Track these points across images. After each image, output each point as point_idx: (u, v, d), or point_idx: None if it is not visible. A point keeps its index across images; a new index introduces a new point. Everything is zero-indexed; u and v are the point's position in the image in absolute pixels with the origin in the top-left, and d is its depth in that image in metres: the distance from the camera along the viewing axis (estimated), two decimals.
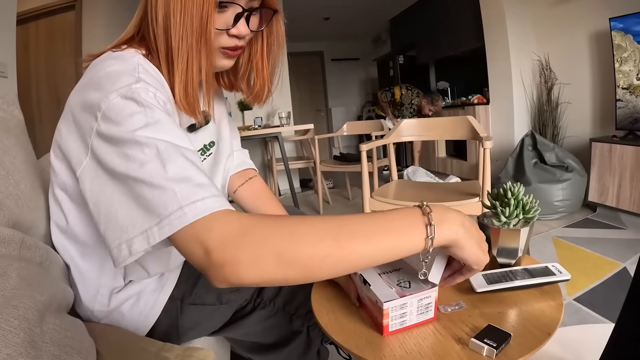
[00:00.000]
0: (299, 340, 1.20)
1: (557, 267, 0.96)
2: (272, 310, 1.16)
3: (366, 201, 2.30)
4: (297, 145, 5.90)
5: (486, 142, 2.05)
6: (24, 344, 0.57)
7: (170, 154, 0.65)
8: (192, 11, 0.76)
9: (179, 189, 0.61)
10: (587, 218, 3.30)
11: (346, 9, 7.17)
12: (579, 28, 3.96)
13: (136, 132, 0.66)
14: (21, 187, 0.90)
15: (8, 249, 0.75)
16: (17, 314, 0.60)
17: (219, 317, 1.10)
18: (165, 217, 0.60)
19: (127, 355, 0.83)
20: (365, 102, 9.74)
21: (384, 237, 0.66)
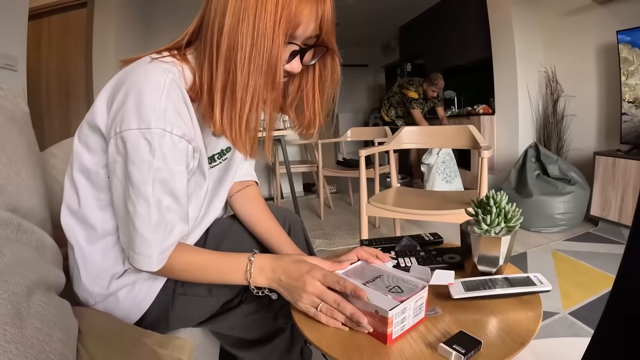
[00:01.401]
0: (283, 337, 1.20)
1: (539, 277, 0.94)
2: (258, 305, 1.16)
3: (363, 207, 2.29)
4: (301, 149, 5.90)
5: (484, 152, 2.04)
6: (10, 314, 0.63)
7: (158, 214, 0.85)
8: (264, 48, 0.78)
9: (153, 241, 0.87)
10: (589, 232, 3.27)
11: (356, 15, 7.18)
12: (587, 40, 3.95)
13: (140, 184, 0.82)
14: (22, 175, 0.95)
15: (5, 231, 0.81)
16: (7, 287, 0.65)
17: (206, 309, 1.11)
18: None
19: (106, 337, 0.87)
20: (372, 108, 9.76)
21: (219, 275, 0.96)
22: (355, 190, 4.96)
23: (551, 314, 1.95)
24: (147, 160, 0.80)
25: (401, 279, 0.90)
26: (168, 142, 0.81)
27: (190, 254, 0.95)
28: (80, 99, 4.55)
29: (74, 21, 4.56)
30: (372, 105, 9.94)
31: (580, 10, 3.96)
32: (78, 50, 4.52)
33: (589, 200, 3.37)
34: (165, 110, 0.79)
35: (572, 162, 3.79)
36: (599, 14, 3.77)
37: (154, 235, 0.85)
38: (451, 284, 0.90)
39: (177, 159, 0.84)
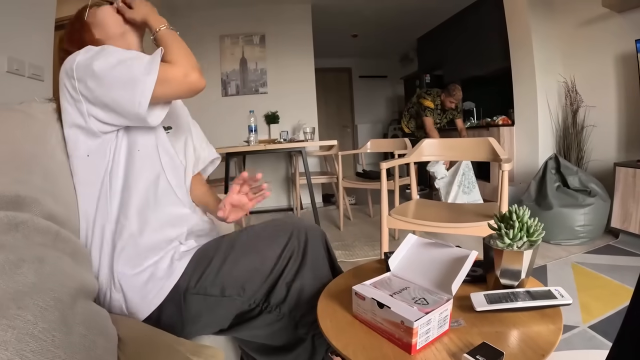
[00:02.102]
0: (304, 347, 1.24)
1: (560, 291, 0.97)
2: (279, 315, 1.21)
3: (384, 219, 2.31)
4: (321, 160, 5.95)
5: (505, 165, 2.04)
6: (58, 321, 0.67)
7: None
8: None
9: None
10: (609, 244, 3.24)
11: (375, 27, 7.23)
12: (605, 49, 3.94)
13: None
14: (59, 185, 1.02)
15: (44, 238, 0.86)
16: (54, 295, 0.70)
17: (221, 312, 1.16)
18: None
19: (144, 344, 0.92)
20: (392, 119, 9.75)
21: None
22: (374, 202, 4.99)
23: (571, 328, 1.95)
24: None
25: (427, 292, 0.94)
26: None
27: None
28: None
29: None
30: (391, 116, 9.94)
31: (598, 19, 3.96)
32: None
33: (610, 212, 3.35)
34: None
35: (592, 173, 3.77)
36: (617, 22, 3.77)
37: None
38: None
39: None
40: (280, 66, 5.93)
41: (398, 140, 4.25)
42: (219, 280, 1.14)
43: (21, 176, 0.90)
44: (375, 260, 1.48)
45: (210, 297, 1.13)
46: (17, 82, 2.34)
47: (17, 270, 0.68)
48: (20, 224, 0.80)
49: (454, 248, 1.09)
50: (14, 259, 0.69)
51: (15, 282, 0.66)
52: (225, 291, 1.14)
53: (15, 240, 0.76)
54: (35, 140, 1.03)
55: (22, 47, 2.39)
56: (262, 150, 3.79)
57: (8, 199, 0.82)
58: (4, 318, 0.59)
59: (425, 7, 6.18)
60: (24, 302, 0.64)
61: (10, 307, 0.61)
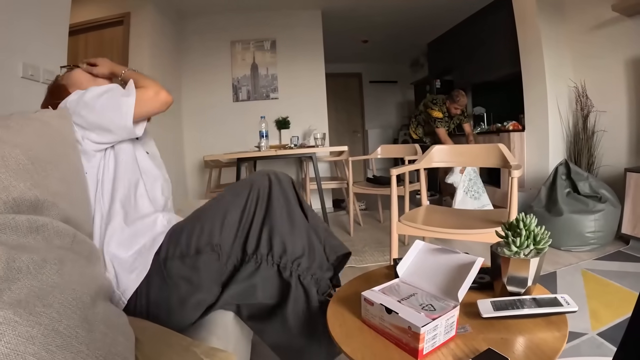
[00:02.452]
0: (295, 294, 1.27)
1: (566, 298, 0.99)
2: (257, 261, 1.27)
3: (394, 225, 2.33)
4: (331, 165, 5.96)
5: (514, 171, 2.05)
6: (80, 318, 0.72)
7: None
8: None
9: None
10: (619, 251, 3.23)
11: (385, 32, 7.26)
12: (616, 54, 3.93)
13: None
14: (73, 190, 1.07)
15: (63, 241, 0.90)
16: (75, 295, 0.75)
17: (202, 275, 1.23)
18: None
19: (160, 345, 0.96)
20: (402, 125, 9.75)
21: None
22: (384, 207, 5.00)
23: (579, 335, 1.95)
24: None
25: (434, 298, 0.96)
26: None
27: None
28: None
29: (110, 38, 4.75)
30: (401, 121, 9.94)
31: (608, 23, 3.96)
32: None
33: (620, 218, 3.34)
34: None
35: (602, 179, 3.77)
36: (628, 27, 3.77)
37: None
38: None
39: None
40: (290, 71, 5.97)
41: (408, 146, 4.26)
42: (193, 241, 1.24)
43: (39, 181, 0.93)
44: (384, 267, 1.49)
45: (186, 257, 1.22)
46: (32, 87, 2.39)
47: (40, 270, 0.71)
48: (40, 227, 0.84)
49: (460, 254, 1.11)
50: (37, 260, 0.72)
51: (39, 281, 0.69)
52: (200, 249, 1.23)
53: (36, 243, 0.80)
54: (51, 147, 1.07)
55: (36, 53, 2.44)
56: (273, 155, 3.82)
57: (29, 203, 0.86)
58: (31, 315, 0.62)
59: (436, 13, 6.19)
60: (49, 300, 0.68)
61: (36, 304, 0.65)
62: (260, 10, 5.81)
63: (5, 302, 0.61)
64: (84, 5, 4.44)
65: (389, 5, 5.89)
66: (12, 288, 0.64)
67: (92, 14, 4.68)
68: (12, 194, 0.83)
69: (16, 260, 0.68)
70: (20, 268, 0.68)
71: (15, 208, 0.82)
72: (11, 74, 2.27)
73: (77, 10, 2.82)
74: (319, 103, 6.03)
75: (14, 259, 0.68)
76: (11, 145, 0.91)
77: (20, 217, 0.79)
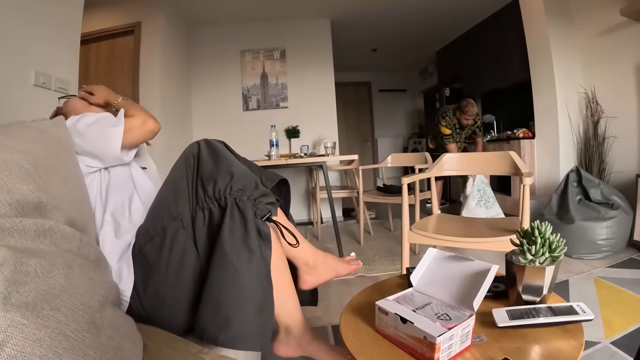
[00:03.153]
0: (230, 216, 1.18)
1: (582, 306, 0.98)
2: (204, 205, 1.24)
3: (405, 234, 2.33)
4: (341, 174, 5.97)
5: (526, 179, 2.04)
6: (87, 323, 0.73)
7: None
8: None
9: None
10: (632, 258, 3.20)
11: (394, 40, 7.29)
12: (625, 59, 3.92)
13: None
14: (74, 195, 1.09)
15: (70, 244, 0.91)
16: (83, 300, 0.77)
17: (177, 242, 1.22)
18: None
19: (169, 351, 0.97)
20: (412, 133, 9.76)
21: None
22: (395, 216, 4.99)
23: (593, 344, 1.93)
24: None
25: (449, 307, 0.97)
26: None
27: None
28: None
29: (121, 47, 4.81)
30: (411, 130, 9.95)
31: (617, 28, 3.94)
32: (124, 75, 4.74)
33: (633, 225, 3.32)
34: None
35: (614, 185, 3.74)
36: (637, 31, 3.75)
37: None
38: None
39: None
40: (300, 81, 6.00)
41: (418, 155, 4.26)
42: (157, 223, 1.25)
43: (41, 184, 0.95)
44: (397, 276, 1.50)
45: (156, 237, 1.23)
46: (44, 95, 2.43)
47: (49, 274, 0.73)
48: (47, 230, 0.85)
49: (474, 261, 1.11)
50: (45, 264, 0.74)
51: (47, 284, 0.71)
52: (164, 227, 1.23)
53: (45, 247, 0.81)
54: (49, 152, 1.10)
55: (48, 62, 2.48)
56: (283, 164, 3.83)
57: (33, 205, 0.87)
58: (38, 318, 0.63)
59: (444, 21, 6.22)
60: (56, 303, 0.69)
61: (44, 308, 0.66)
62: (269, 20, 5.86)
63: (13, 304, 0.62)
64: (96, 15, 4.50)
65: (398, 14, 5.92)
66: (20, 291, 0.65)
67: (103, 24, 4.75)
68: (15, 196, 0.84)
69: (24, 264, 0.69)
70: (28, 272, 0.69)
71: (20, 210, 0.83)
72: (23, 81, 2.31)
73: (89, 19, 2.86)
74: (329, 112, 6.05)
75: (22, 262, 0.69)
76: (13, 150, 0.93)
77: (27, 220, 0.81)
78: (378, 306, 1.01)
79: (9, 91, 2.19)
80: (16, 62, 2.24)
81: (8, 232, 0.75)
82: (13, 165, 0.89)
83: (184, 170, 1.31)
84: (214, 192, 1.22)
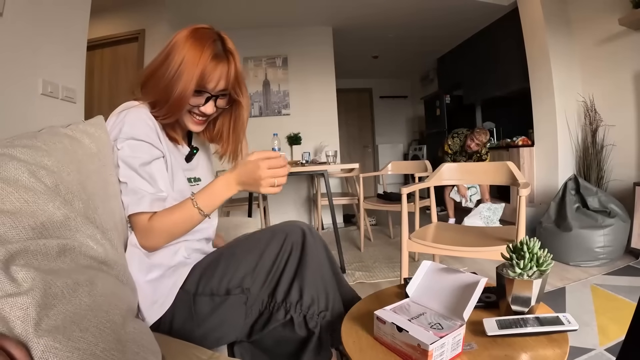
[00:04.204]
0: (317, 344, 1.27)
1: (568, 317, 1.03)
2: (287, 309, 1.28)
3: (404, 243, 2.37)
4: (342, 181, 6.02)
5: (522, 190, 2.07)
6: (114, 341, 0.75)
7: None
8: (177, 88, 1.22)
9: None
10: (629, 265, 3.24)
11: (395, 47, 7.34)
12: (624, 67, 3.98)
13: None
14: (99, 212, 1.07)
15: (92, 261, 0.93)
16: (108, 317, 0.79)
17: (230, 312, 1.25)
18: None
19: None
20: (412, 140, 9.81)
21: (186, 225, 1.24)
22: (395, 223, 5.05)
23: (587, 350, 1.96)
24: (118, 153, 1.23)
25: (442, 317, 1.02)
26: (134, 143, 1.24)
27: (159, 217, 1.23)
28: None
29: (124, 54, 4.87)
30: (412, 136, 9.99)
31: (616, 37, 4.01)
32: (128, 82, 4.75)
33: (630, 233, 3.36)
34: (137, 130, 1.24)
35: (612, 193, 3.79)
36: (636, 40, 3.81)
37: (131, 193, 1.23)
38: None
39: (135, 151, 1.24)
40: (302, 88, 6.05)
41: (419, 163, 4.31)
42: (224, 282, 1.25)
43: (68, 200, 0.95)
44: (395, 285, 1.54)
45: (216, 296, 1.23)
46: (51, 104, 2.45)
47: (74, 294, 0.75)
48: (69, 249, 0.87)
49: (465, 274, 1.16)
50: (70, 283, 0.76)
51: (73, 305, 0.73)
52: (230, 291, 1.24)
53: (65, 265, 0.83)
54: (79, 165, 1.07)
55: (55, 71, 2.50)
56: None
57: (58, 224, 0.88)
58: (69, 340, 0.66)
59: (445, 28, 6.26)
60: (84, 324, 0.72)
61: (74, 330, 0.69)
62: (272, 27, 5.92)
63: (45, 330, 0.64)
64: (100, 22, 4.56)
65: (399, 22, 5.97)
66: (49, 315, 0.67)
67: (108, 30, 4.81)
68: (40, 219, 0.84)
69: (52, 287, 0.71)
70: (56, 294, 0.71)
71: (44, 232, 0.84)
72: (31, 91, 2.31)
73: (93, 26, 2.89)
74: (330, 119, 6.11)
75: (50, 285, 0.71)
76: (38, 166, 0.92)
77: (50, 242, 0.82)
78: (376, 315, 1.07)
79: (17, 100, 2.20)
80: (24, 71, 2.25)
81: (32, 255, 0.76)
82: (38, 184, 0.88)
83: (277, 249, 1.30)
84: (308, 309, 1.28)
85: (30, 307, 0.64)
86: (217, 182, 1.23)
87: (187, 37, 1.28)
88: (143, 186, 1.22)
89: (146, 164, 1.24)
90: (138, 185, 1.21)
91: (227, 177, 1.22)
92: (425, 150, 8.29)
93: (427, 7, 5.41)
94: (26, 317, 0.63)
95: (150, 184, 1.24)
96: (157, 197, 1.24)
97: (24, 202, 0.82)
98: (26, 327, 0.62)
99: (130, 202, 1.21)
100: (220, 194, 1.23)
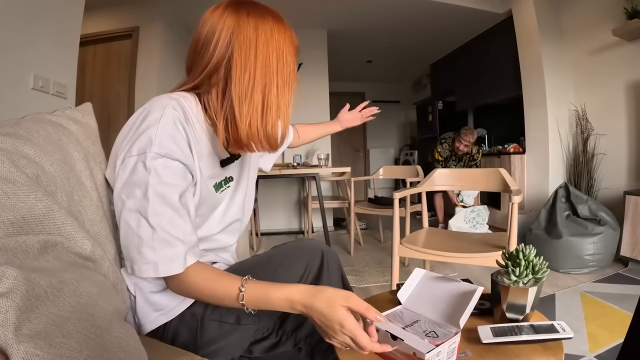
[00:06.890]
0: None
1: (562, 325, 1.02)
2: (296, 341, 1.26)
3: (395, 248, 2.36)
4: (333, 184, 6.00)
5: (514, 197, 2.08)
6: (100, 347, 0.72)
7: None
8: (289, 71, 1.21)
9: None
10: (618, 273, 3.26)
11: (389, 53, 7.36)
12: (616, 77, 4.01)
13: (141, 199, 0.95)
14: (84, 204, 1.01)
15: (77, 258, 0.89)
16: (93, 322, 0.75)
17: (235, 338, 1.19)
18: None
19: None
20: (404, 145, 9.82)
21: (217, 300, 1.01)
22: (385, 228, 5.04)
23: (577, 357, 1.97)
24: (144, 178, 0.94)
25: (437, 325, 1.01)
26: (160, 163, 0.96)
27: (196, 277, 0.99)
28: (121, 126, 4.71)
29: (117, 51, 4.81)
30: (403, 141, 10.00)
31: (609, 47, 4.04)
32: (120, 80, 4.75)
33: (619, 241, 3.37)
34: (161, 138, 0.97)
35: (602, 202, 3.81)
36: (629, 50, 3.84)
37: (159, 245, 0.94)
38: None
39: (170, 176, 0.97)
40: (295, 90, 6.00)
41: (410, 168, 4.31)
42: (235, 309, 1.08)
43: (50, 191, 0.90)
44: (388, 291, 1.53)
45: (225, 324, 1.16)
46: (42, 99, 2.42)
47: (58, 294, 0.71)
48: (51, 245, 0.82)
49: (461, 283, 1.15)
50: (55, 283, 0.71)
51: (57, 307, 0.68)
52: (240, 320, 1.17)
53: (48, 264, 0.78)
54: (64, 154, 1.02)
55: (47, 65, 2.47)
56: (277, 174, 3.84)
57: (40, 217, 0.83)
58: (51, 347, 0.62)
59: (439, 35, 6.28)
60: (67, 328, 0.67)
61: (56, 335, 0.64)
62: None
63: (25, 335, 0.59)
64: (93, 18, 4.49)
65: (394, 27, 5.98)
66: (30, 318, 0.62)
67: (101, 26, 4.75)
68: (20, 212, 0.79)
69: (36, 287, 0.66)
70: (39, 295, 0.66)
71: (25, 227, 0.79)
72: (22, 85, 2.29)
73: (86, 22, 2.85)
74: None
75: (33, 285, 0.66)
76: (18, 155, 0.85)
77: (30, 239, 0.77)
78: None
79: (7, 94, 2.18)
80: (15, 65, 2.23)
81: (13, 253, 0.72)
82: (18, 174, 0.82)
83: (297, 279, 1.22)
84: (316, 344, 1.25)
85: (9, 311, 0.59)
86: (279, 296, 0.95)
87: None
88: (178, 233, 0.96)
89: (182, 195, 1.00)
90: (172, 232, 0.95)
91: (295, 300, 0.93)
92: (417, 156, 8.30)
93: (422, 13, 5.42)
94: (5, 321, 0.58)
95: (187, 223, 1.00)
96: (192, 246, 1.01)
97: (3, 194, 0.77)
98: (5, 332, 0.58)
99: (159, 260, 0.93)
100: (274, 307, 0.96)
